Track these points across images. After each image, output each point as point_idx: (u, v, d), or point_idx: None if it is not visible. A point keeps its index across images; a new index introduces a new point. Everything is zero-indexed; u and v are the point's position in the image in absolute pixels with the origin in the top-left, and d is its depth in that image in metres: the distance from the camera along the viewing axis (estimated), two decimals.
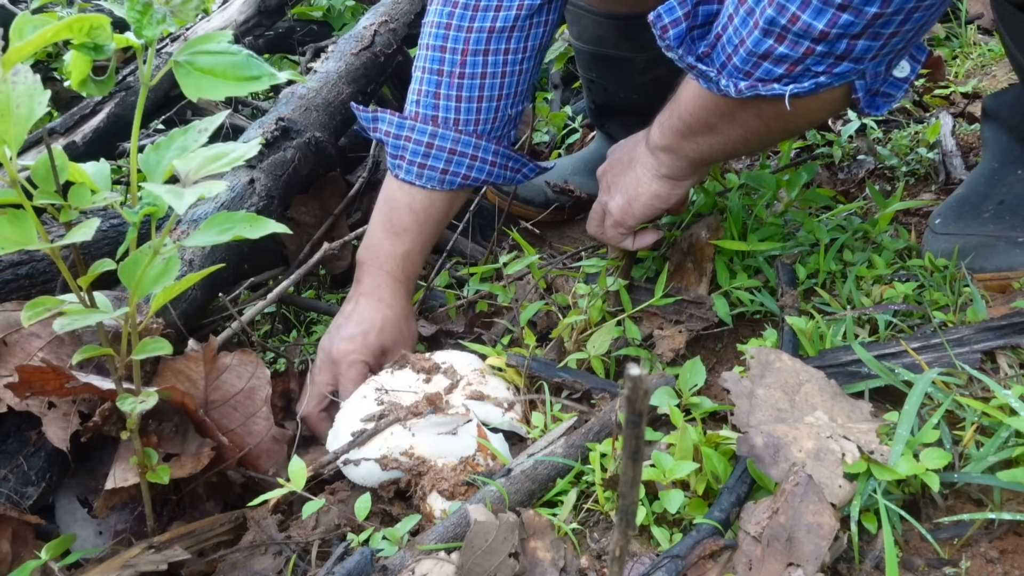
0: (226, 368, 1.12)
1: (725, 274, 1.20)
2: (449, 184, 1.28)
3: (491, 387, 1.10)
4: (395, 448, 1.01)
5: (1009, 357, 0.90)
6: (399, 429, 1.03)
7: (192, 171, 0.78)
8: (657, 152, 1.12)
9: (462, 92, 1.26)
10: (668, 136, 1.09)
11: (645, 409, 0.39)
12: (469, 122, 1.27)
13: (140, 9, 0.74)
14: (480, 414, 1.05)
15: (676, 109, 1.07)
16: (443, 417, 1.03)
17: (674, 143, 1.09)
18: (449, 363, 1.14)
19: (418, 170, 1.27)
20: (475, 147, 1.27)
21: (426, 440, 1.01)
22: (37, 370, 0.95)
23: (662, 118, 1.11)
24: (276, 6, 2.41)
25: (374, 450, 1.01)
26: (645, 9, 1.51)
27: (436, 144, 1.26)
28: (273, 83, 0.78)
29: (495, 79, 1.25)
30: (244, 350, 1.14)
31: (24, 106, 0.73)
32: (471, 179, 1.29)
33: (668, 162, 1.12)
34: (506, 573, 0.78)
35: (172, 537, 1.00)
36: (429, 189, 1.28)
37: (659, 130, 1.11)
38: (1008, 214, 1.16)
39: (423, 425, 1.02)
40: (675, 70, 1.67)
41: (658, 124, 1.11)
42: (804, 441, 0.80)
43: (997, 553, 0.73)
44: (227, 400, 1.11)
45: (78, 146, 1.83)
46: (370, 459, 1.01)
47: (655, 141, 1.11)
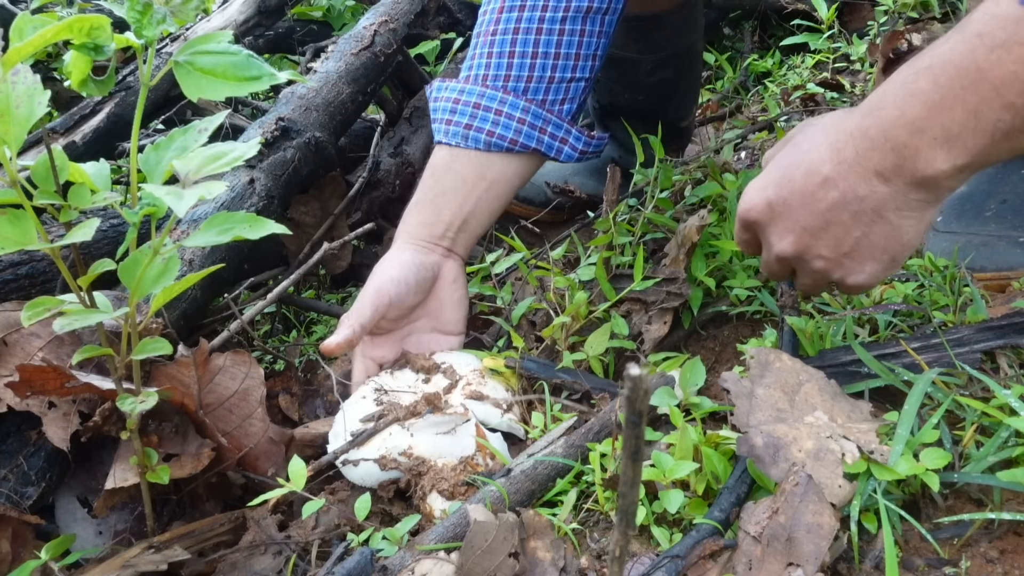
0: (219, 370, 1.11)
1: (701, 263, 1.20)
2: (474, 141, 1.20)
3: (490, 388, 1.10)
4: (394, 448, 1.01)
5: (1009, 357, 0.90)
6: (398, 429, 1.03)
7: (192, 171, 0.78)
8: (930, 184, 0.78)
9: (492, 48, 1.21)
10: (972, 150, 0.74)
11: (645, 409, 0.39)
12: (498, 77, 1.21)
13: (140, 9, 0.74)
14: (479, 414, 1.05)
15: (990, 102, 0.72)
16: (442, 417, 1.03)
17: (985, 152, 0.75)
18: (449, 363, 1.14)
19: (445, 127, 1.22)
20: (500, 101, 1.20)
21: (425, 440, 1.01)
22: (38, 369, 0.95)
23: (947, 135, 0.75)
24: (276, 6, 2.42)
25: (373, 450, 1.01)
26: (653, 11, 1.52)
27: (463, 99, 1.21)
28: (273, 83, 0.78)
29: (529, 35, 1.19)
30: (237, 351, 1.14)
31: (24, 106, 0.73)
32: (498, 136, 1.19)
33: (954, 184, 0.79)
34: (506, 573, 0.78)
35: (172, 537, 1.00)
36: (453, 146, 1.22)
37: (946, 153, 0.75)
38: (1010, 213, 1.16)
39: (422, 425, 1.03)
40: (682, 71, 1.68)
41: (939, 147, 0.75)
42: (804, 441, 0.80)
43: (997, 553, 0.73)
44: (222, 403, 1.10)
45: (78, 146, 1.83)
46: (369, 459, 1.01)
47: (934, 169, 0.76)
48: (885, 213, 0.81)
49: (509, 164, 1.22)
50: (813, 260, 0.86)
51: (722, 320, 1.21)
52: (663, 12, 1.50)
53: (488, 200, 1.22)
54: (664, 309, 1.16)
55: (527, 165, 1.25)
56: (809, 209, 0.83)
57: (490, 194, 1.22)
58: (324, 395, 1.42)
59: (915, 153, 0.76)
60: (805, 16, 2.26)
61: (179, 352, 1.09)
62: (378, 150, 1.81)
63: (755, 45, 2.52)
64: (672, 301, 1.15)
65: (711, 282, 1.18)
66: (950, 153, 0.75)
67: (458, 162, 1.22)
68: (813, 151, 0.83)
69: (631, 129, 1.49)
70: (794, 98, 2.01)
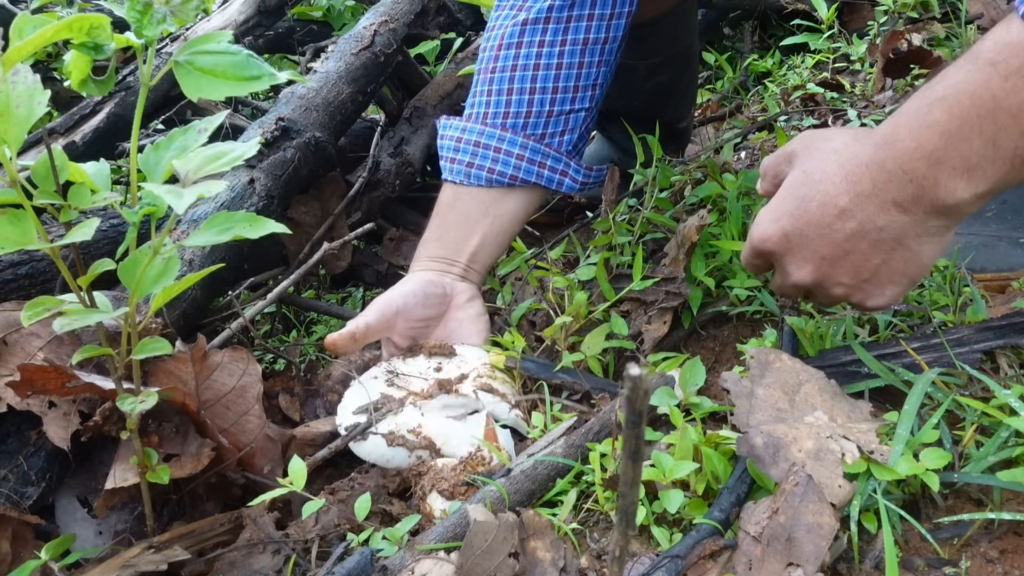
0: (217, 366, 1.11)
1: (701, 263, 1.20)
2: (476, 179, 1.24)
3: (500, 383, 1.10)
4: (403, 425, 1.01)
5: (1009, 357, 0.90)
6: (409, 408, 1.03)
7: (192, 171, 0.78)
8: (951, 211, 0.78)
9: (492, 86, 1.23)
10: (993, 177, 0.75)
11: (645, 409, 0.39)
12: (497, 115, 1.24)
13: (140, 9, 0.74)
14: (488, 406, 1.05)
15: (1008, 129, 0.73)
16: (455, 399, 1.03)
17: (1006, 179, 0.75)
18: (461, 354, 1.15)
19: (448, 165, 1.25)
20: (499, 139, 1.23)
21: (435, 421, 1.02)
22: (39, 369, 0.95)
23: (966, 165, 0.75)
24: (276, 6, 2.42)
25: (382, 426, 1.02)
26: (649, 17, 1.51)
27: (464, 138, 1.24)
28: (273, 83, 0.78)
29: (526, 71, 1.21)
30: (235, 347, 1.14)
31: (24, 106, 0.73)
32: (497, 173, 1.23)
33: (974, 209, 0.79)
34: (506, 573, 0.78)
35: (172, 537, 1.00)
36: (457, 184, 1.25)
37: (967, 182, 0.75)
38: (1011, 214, 1.16)
39: (434, 406, 1.03)
40: (678, 73, 1.68)
41: (959, 176, 0.75)
42: (804, 441, 0.80)
43: (997, 553, 0.73)
44: (219, 399, 1.11)
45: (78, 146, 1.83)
46: (377, 433, 1.01)
47: (955, 198, 0.76)
48: (905, 240, 0.81)
49: (512, 199, 1.25)
50: (832, 287, 0.86)
51: (722, 320, 1.21)
52: (655, 18, 1.51)
53: (494, 234, 1.25)
54: (663, 309, 1.16)
55: (530, 198, 1.28)
56: (827, 240, 0.83)
57: (495, 228, 1.25)
58: (324, 395, 1.42)
59: (935, 184, 0.76)
60: (805, 16, 2.26)
61: (177, 347, 1.09)
62: (378, 150, 1.81)
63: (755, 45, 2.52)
64: (671, 301, 1.15)
65: (711, 282, 1.18)
66: (971, 182, 0.75)
67: (462, 200, 1.25)
68: (827, 183, 0.82)
69: (631, 132, 1.49)
70: (794, 98, 2.01)
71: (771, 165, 0.92)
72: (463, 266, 1.23)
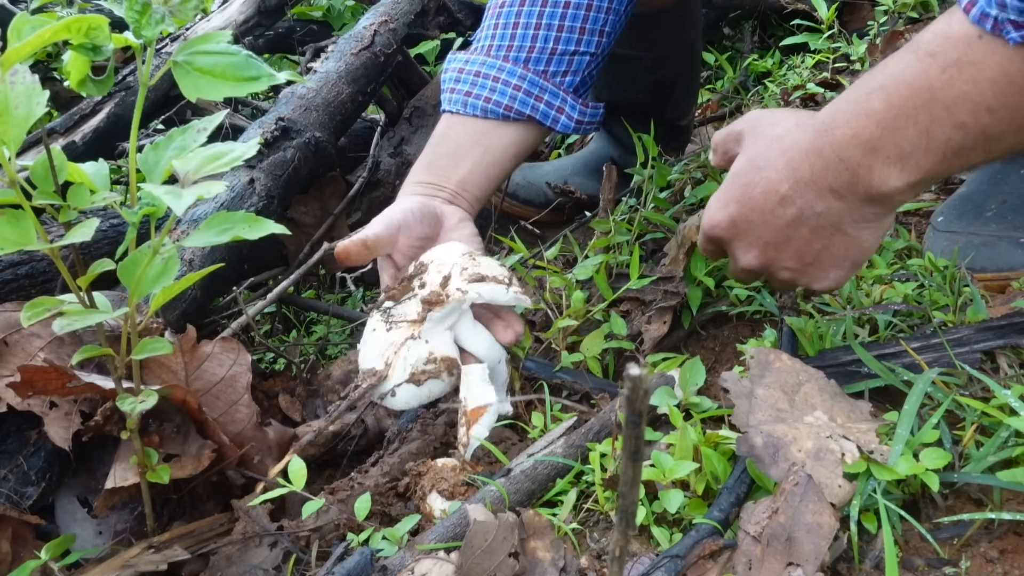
0: (207, 357, 1.12)
1: (700, 263, 1.20)
2: (472, 108, 1.21)
3: (486, 266, 1.07)
4: (417, 361, 1.02)
5: (1009, 357, 0.90)
6: (412, 344, 1.03)
7: (191, 171, 0.78)
8: (884, 199, 0.80)
9: (499, 20, 1.23)
10: (925, 167, 0.76)
11: (645, 409, 0.39)
12: (501, 48, 1.23)
13: (139, 9, 0.74)
14: (485, 294, 1.04)
15: (942, 121, 0.74)
16: (441, 310, 1.03)
17: (937, 169, 0.77)
18: (433, 258, 1.11)
19: (448, 95, 1.24)
20: (499, 69, 1.21)
21: (440, 340, 1.03)
22: (40, 369, 0.95)
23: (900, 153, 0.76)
24: (276, 6, 2.42)
25: (401, 373, 1.02)
26: (653, 9, 1.52)
27: (466, 68, 1.23)
28: (272, 84, 0.78)
29: (534, 7, 1.21)
30: (225, 338, 1.14)
31: (23, 106, 0.73)
32: (493, 103, 1.20)
33: (908, 197, 0.81)
34: (506, 573, 0.78)
35: (172, 537, 1.00)
36: (453, 114, 1.23)
37: (899, 171, 0.77)
38: (1011, 214, 1.16)
39: (429, 328, 1.03)
40: (680, 70, 1.68)
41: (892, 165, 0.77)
42: (804, 441, 0.80)
43: (997, 553, 0.73)
44: (209, 389, 1.11)
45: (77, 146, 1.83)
46: (402, 382, 1.01)
47: (888, 187, 0.78)
48: (843, 226, 0.83)
49: (505, 132, 1.23)
50: (779, 271, 0.90)
51: (722, 320, 1.21)
52: (662, 10, 1.51)
53: (484, 166, 1.21)
54: (663, 308, 1.16)
55: (524, 135, 1.25)
56: (770, 226, 0.86)
57: (486, 159, 1.21)
58: (324, 395, 1.42)
59: (869, 171, 0.78)
60: (805, 16, 2.26)
61: (166, 338, 1.10)
62: (378, 150, 1.81)
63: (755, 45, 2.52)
64: (669, 300, 1.15)
65: (710, 282, 1.18)
66: (903, 171, 0.77)
67: (455, 129, 1.23)
68: (769, 169, 0.85)
69: (631, 128, 1.49)
70: (794, 98, 2.01)
71: (721, 141, 0.94)
72: (451, 191, 1.19)
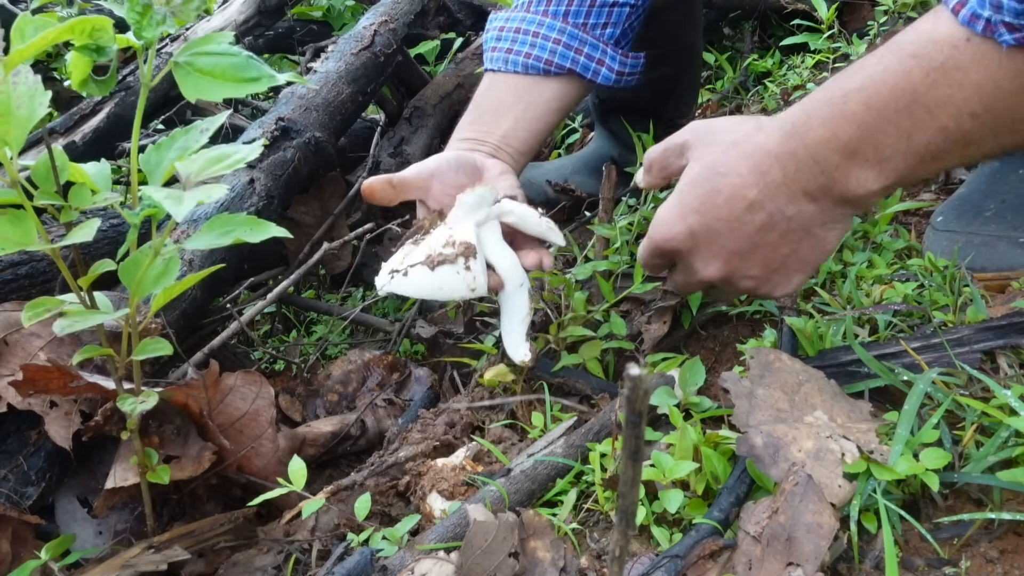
0: (230, 390, 1.11)
1: None
2: (513, 64, 1.21)
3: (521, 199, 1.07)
4: (436, 244, 0.98)
5: (1009, 357, 0.90)
6: (437, 230, 1.00)
7: (194, 173, 0.78)
8: (859, 201, 0.80)
9: None
10: (902, 170, 0.76)
11: (645, 409, 0.39)
12: (540, 2, 1.22)
13: (140, 10, 0.74)
14: (517, 212, 1.02)
15: (923, 125, 0.73)
16: (471, 194, 0.99)
17: (914, 172, 0.77)
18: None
19: (490, 54, 1.24)
20: (538, 24, 1.21)
21: (463, 228, 0.99)
22: (41, 369, 0.95)
23: (879, 156, 0.75)
24: (276, 6, 2.42)
25: (418, 255, 0.98)
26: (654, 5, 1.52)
27: (506, 27, 1.23)
28: (272, 85, 0.78)
29: None
30: (247, 371, 1.13)
31: (25, 107, 0.73)
32: (534, 58, 1.20)
33: (880, 198, 0.83)
34: (506, 573, 0.78)
35: (172, 537, 1.00)
36: (495, 72, 1.23)
37: (876, 174, 0.76)
38: (1010, 213, 1.16)
39: (456, 216, 1.00)
40: (681, 68, 1.68)
41: (870, 167, 0.76)
42: (804, 441, 0.80)
43: (997, 553, 0.73)
44: (232, 423, 1.10)
45: (78, 146, 1.83)
46: (416, 263, 0.96)
47: (864, 189, 0.77)
48: (813, 229, 0.82)
49: (547, 87, 1.22)
50: (741, 280, 0.86)
51: (722, 320, 1.21)
52: (663, 6, 1.51)
53: (527, 120, 1.20)
54: (663, 308, 1.16)
55: (565, 89, 1.24)
56: (736, 234, 0.83)
57: (528, 114, 1.20)
58: (324, 395, 1.43)
59: (846, 174, 0.77)
60: (805, 16, 2.26)
61: (188, 374, 1.10)
62: (378, 150, 1.81)
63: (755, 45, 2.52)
64: (669, 300, 1.15)
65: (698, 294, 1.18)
66: (880, 174, 0.76)
67: (496, 86, 1.23)
68: (733, 175, 0.81)
69: (630, 127, 1.49)
70: (794, 98, 2.01)
71: (658, 158, 0.91)
72: (493, 145, 1.18)
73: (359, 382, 1.44)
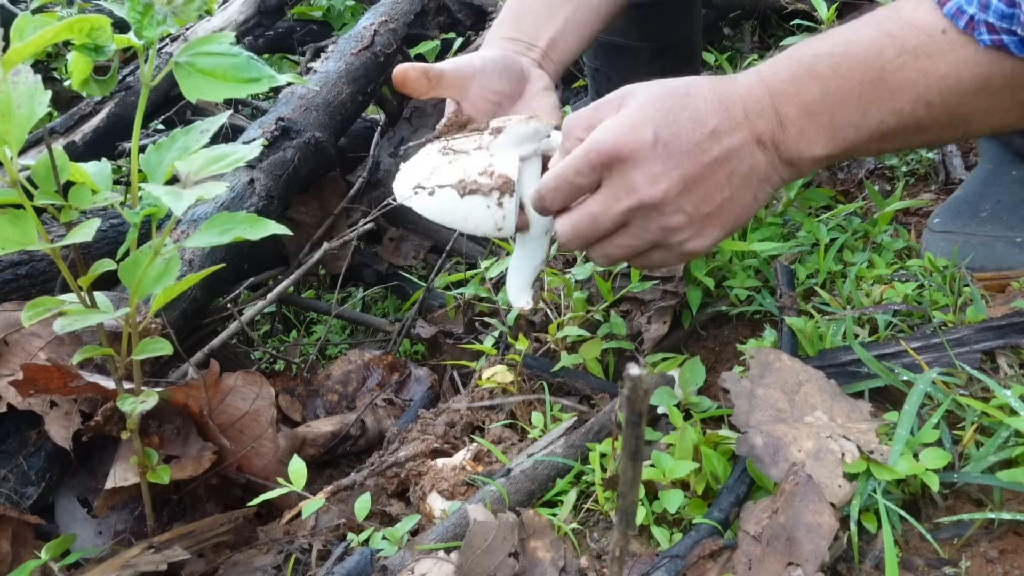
0: (230, 390, 1.11)
1: (700, 263, 1.19)
2: None
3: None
4: (471, 169, 0.88)
5: (1009, 357, 0.90)
6: (476, 152, 0.91)
7: (193, 172, 0.78)
8: (801, 164, 0.79)
9: None
10: (849, 143, 0.77)
11: (645, 409, 0.39)
12: None
13: (141, 10, 0.74)
14: (555, 143, 0.93)
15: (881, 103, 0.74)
16: (527, 127, 0.89)
17: (858, 148, 0.78)
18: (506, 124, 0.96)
19: None
20: None
21: (505, 159, 0.89)
22: (42, 368, 0.95)
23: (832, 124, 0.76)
24: (276, 6, 2.42)
25: (449, 176, 0.89)
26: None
27: None
28: (273, 85, 0.78)
29: None
30: (247, 371, 1.13)
31: (25, 106, 0.73)
32: None
33: (814, 169, 0.82)
34: (506, 573, 0.78)
35: (172, 537, 1.00)
36: None
37: (826, 141, 0.77)
38: (1006, 214, 1.16)
39: (499, 143, 0.90)
40: (680, 61, 1.68)
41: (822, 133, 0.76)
42: (804, 441, 0.80)
43: (997, 553, 0.73)
44: (232, 424, 1.10)
45: (78, 146, 1.83)
46: (445, 185, 0.87)
47: (810, 154, 0.78)
48: (751, 180, 0.79)
49: None
50: (671, 215, 0.78)
51: (722, 320, 1.21)
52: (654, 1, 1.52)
53: (577, 22, 1.12)
54: (663, 308, 1.16)
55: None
56: (693, 159, 0.76)
57: (578, 16, 1.12)
58: (324, 395, 1.43)
59: (799, 133, 0.76)
60: (805, 16, 2.26)
61: (189, 374, 1.10)
62: (378, 150, 1.81)
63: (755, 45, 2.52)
64: (669, 300, 1.15)
65: (710, 282, 1.18)
66: (829, 142, 0.76)
67: None
68: (697, 97, 0.76)
69: None
70: None
71: (584, 117, 0.81)
72: (541, 51, 1.09)
73: (359, 382, 1.44)
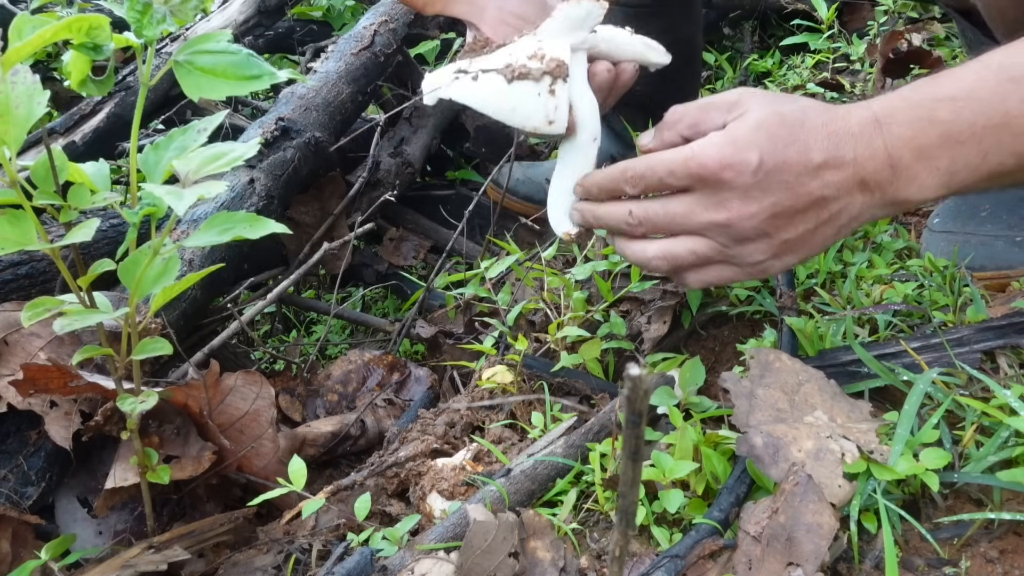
0: (230, 390, 1.10)
1: None
2: None
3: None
4: (519, 53, 0.80)
5: (1009, 357, 0.90)
6: (521, 39, 0.83)
7: (192, 171, 0.78)
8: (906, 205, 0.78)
9: None
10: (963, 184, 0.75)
11: (645, 409, 0.39)
12: None
13: (140, 9, 0.74)
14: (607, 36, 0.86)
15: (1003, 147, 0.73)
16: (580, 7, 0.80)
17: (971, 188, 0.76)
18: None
19: None
20: None
21: (556, 43, 0.80)
22: (42, 368, 0.95)
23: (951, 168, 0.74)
24: (276, 6, 2.42)
25: (495, 60, 0.80)
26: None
27: None
28: (273, 82, 0.78)
29: None
30: (247, 371, 1.13)
31: (23, 106, 0.73)
32: None
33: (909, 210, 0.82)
34: (506, 573, 0.78)
35: (172, 537, 1.00)
36: None
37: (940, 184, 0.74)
38: (1005, 213, 1.16)
39: (551, 28, 0.82)
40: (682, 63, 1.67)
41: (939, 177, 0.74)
42: (804, 441, 0.80)
43: (997, 553, 0.73)
44: (232, 424, 1.10)
45: (77, 146, 1.83)
46: (492, 69, 0.79)
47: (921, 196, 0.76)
48: (843, 217, 0.78)
49: None
50: (754, 237, 0.78)
51: (722, 320, 1.21)
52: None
53: None
54: (663, 308, 1.16)
55: None
56: (791, 190, 0.76)
57: None
58: (324, 395, 1.43)
59: (912, 177, 0.75)
60: (805, 16, 2.26)
61: (189, 374, 1.10)
62: (378, 150, 1.81)
63: (755, 45, 2.52)
64: (669, 300, 1.15)
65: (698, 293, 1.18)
66: (942, 185, 0.75)
67: None
68: (809, 133, 0.76)
69: (628, 125, 1.49)
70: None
71: (696, 113, 0.80)
72: None
73: (359, 382, 1.44)
